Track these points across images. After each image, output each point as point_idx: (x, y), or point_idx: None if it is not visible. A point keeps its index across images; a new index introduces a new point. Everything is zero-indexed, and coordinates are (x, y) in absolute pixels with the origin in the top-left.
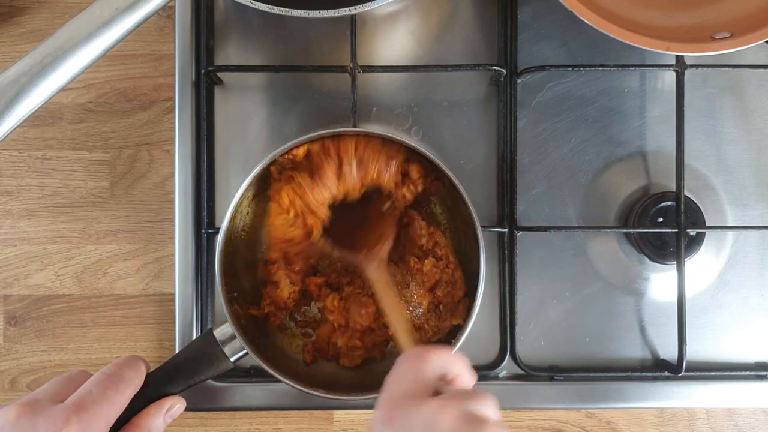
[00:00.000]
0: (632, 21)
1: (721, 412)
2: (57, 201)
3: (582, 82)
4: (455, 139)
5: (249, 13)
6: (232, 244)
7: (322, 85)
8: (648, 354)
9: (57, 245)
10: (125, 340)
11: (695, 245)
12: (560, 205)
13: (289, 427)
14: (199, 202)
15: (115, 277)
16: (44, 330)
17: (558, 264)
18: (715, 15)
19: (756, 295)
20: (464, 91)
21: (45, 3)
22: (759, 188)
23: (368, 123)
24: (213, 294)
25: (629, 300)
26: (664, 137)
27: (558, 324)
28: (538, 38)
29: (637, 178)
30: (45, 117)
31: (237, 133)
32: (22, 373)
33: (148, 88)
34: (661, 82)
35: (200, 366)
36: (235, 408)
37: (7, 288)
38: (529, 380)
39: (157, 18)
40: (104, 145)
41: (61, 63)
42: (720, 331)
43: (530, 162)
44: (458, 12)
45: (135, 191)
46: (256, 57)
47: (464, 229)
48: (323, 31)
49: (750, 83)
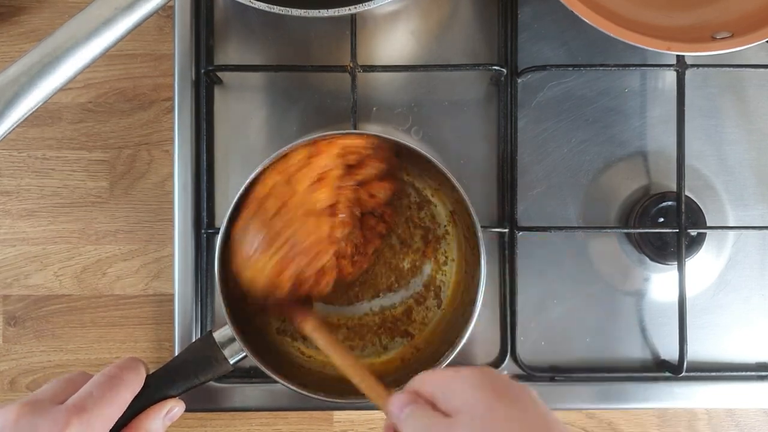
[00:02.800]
0: (633, 21)
1: (722, 412)
2: (56, 201)
3: (582, 82)
4: (455, 139)
5: (249, 13)
6: None
7: (322, 84)
8: (649, 354)
9: (56, 245)
10: (125, 341)
11: (696, 245)
12: (561, 205)
13: (289, 428)
14: (199, 202)
15: (115, 278)
16: (44, 330)
17: (558, 264)
18: (715, 15)
19: (757, 295)
20: (464, 91)
21: (45, 3)
22: (760, 188)
23: (368, 123)
24: (213, 294)
25: (630, 300)
26: (664, 137)
27: (558, 324)
28: (538, 38)
29: (637, 178)
30: (44, 117)
31: (237, 133)
32: (21, 373)
33: (147, 87)
34: (662, 82)
35: (200, 368)
36: (235, 409)
37: (7, 288)
38: (529, 380)
39: (156, 18)
40: (104, 145)
41: (60, 63)
42: (721, 332)
43: (530, 162)
44: (458, 12)
45: (134, 191)
46: (256, 57)
47: (464, 230)
48: (323, 30)
49: (751, 83)
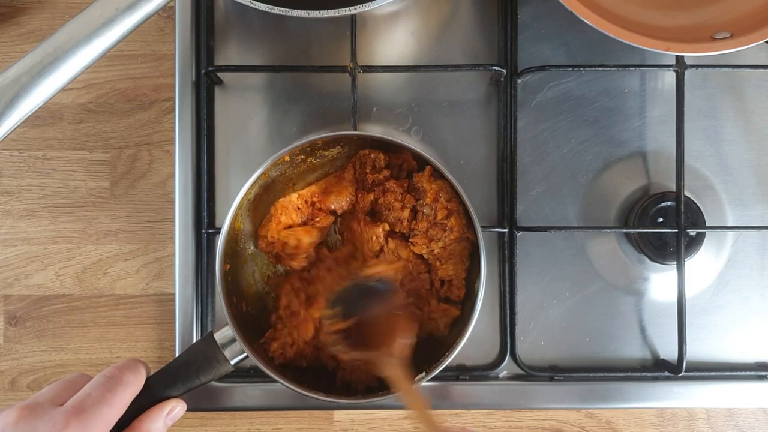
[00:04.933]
0: (632, 21)
1: (721, 412)
2: (57, 201)
3: (582, 82)
4: (455, 139)
5: (249, 13)
6: (232, 246)
7: (322, 85)
8: (648, 354)
9: (57, 245)
10: (125, 340)
11: (695, 245)
12: (560, 205)
13: (289, 427)
14: (199, 202)
15: (116, 277)
16: (44, 330)
17: (558, 264)
18: (715, 15)
19: (756, 295)
20: (464, 91)
21: (45, 3)
22: (759, 188)
23: (368, 123)
24: (213, 294)
25: (629, 300)
26: (664, 137)
27: (558, 324)
28: (538, 38)
29: (637, 178)
30: (45, 117)
31: (237, 133)
32: (22, 373)
33: (148, 88)
34: (661, 82)
35: (201, 369)
36: (235, 408)
37: (8, 288)
38: (529, 380)
39: (157, 18)
40: (104, 145)
41: (61, 63)
42: (720, 331)
43: (530, 162)
44: (458, 12)
45: (135, 191)
46: (256, 57)
47: (465, 230)
48: (323, 31)
49: (750, 83)
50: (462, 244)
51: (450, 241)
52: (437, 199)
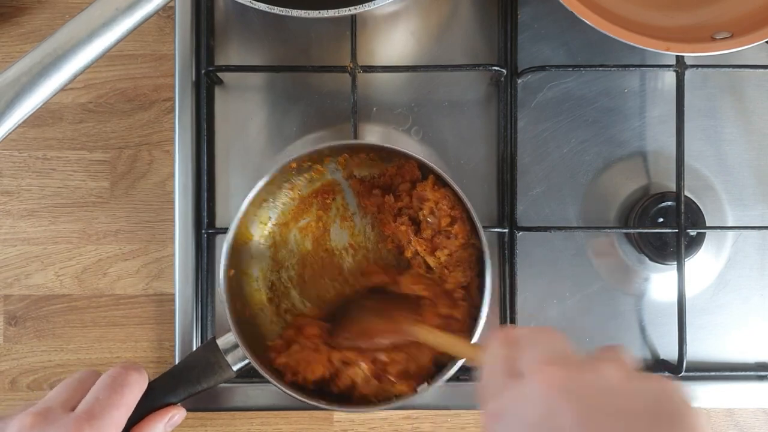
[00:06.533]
0: (632, 21)
1: (722, 412)
2: (57, 201)
3: (582, 82)
4: (455, 139)
5: (249, 13)
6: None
7: (322, 85)
8: (648, 354)
9: (57, 245)
10: (125, 341)
11: (695, 245)
12: (560, 205)
13: (290, 428)
14: (199, 202)
15: (116, 278)
16: (44, 330)
17: (558, 264)
18: (715, 15)
19: (756, 295)
20: (464, 91)
21: (45, 3)
22: (759, 188)
23: (368, 123)
24: (213, 294)
25: (629, 300)
26: (664, 137)
27: (558, 324)
28: (538, 38)
29: (637, 179)
30: (45, 117)
31: (237, 133)
32: (22, 373)
33: (148, 88)
34: (661, 83)
35: (202, 375)
36: (236, 408)
37: (8, 288)
38: None
39: (157, 18)
40: (104, 146)
41: (61, 63)
42: (720, 331)
43: (530, 162)
44: (458, 12)
45: (135, 191)
46: (256, 57)
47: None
48: (323, 31)
49: (750, 83)
50: (468, 251)
51: (455, 248)
52: (440, 207)
